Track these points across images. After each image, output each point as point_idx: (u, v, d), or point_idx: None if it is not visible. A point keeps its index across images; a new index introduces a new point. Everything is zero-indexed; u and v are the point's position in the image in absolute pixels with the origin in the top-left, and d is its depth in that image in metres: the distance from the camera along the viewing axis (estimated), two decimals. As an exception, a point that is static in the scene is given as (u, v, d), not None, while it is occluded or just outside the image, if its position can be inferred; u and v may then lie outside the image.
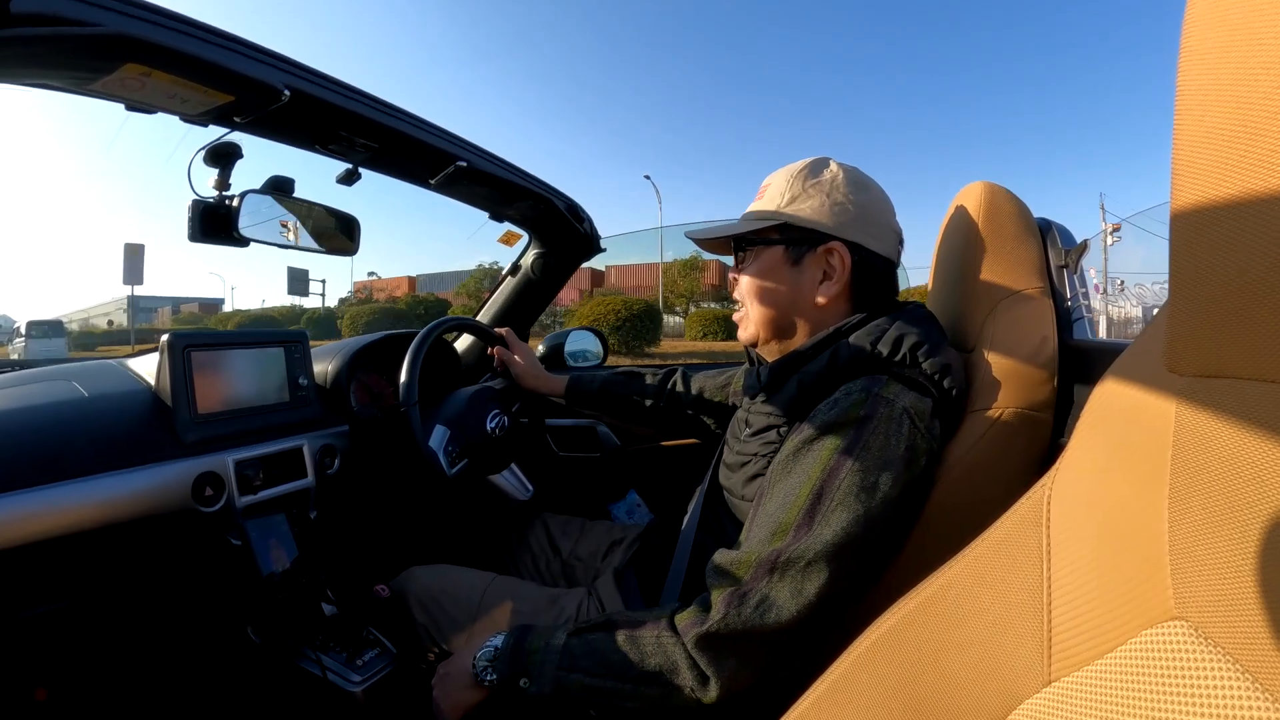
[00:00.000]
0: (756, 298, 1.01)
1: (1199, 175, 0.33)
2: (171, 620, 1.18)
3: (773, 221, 0.98)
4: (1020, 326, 0.92)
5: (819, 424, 0.85)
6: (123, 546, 1.02)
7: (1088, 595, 0.41)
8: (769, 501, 0.86)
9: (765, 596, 0.78)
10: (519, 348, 1.59)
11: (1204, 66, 0.33)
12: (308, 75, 0.95)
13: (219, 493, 1.08)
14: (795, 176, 0.98)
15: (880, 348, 0.89)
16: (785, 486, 0.84)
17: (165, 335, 1.09)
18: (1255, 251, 0.30)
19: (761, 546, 0.81)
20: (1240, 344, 0.32)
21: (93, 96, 0.80)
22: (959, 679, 0.49)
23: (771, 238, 0.99)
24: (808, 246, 0.97)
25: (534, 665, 0.85)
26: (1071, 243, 1.00)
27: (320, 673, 1.07)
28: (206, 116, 0.92)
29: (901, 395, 0.85)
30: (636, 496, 1.77)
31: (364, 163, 1.20)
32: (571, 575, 1.35)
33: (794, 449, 0.87)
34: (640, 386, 1.47)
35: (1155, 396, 0.40)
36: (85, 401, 1.05)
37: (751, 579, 0.80)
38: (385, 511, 1.56)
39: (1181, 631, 0.34)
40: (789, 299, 0.99)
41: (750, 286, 1.01)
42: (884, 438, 0.82)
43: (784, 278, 0.99)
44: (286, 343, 1.27)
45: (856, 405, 0.84)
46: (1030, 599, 0.45)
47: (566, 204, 1.57)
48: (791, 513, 0.81)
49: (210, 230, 1.02)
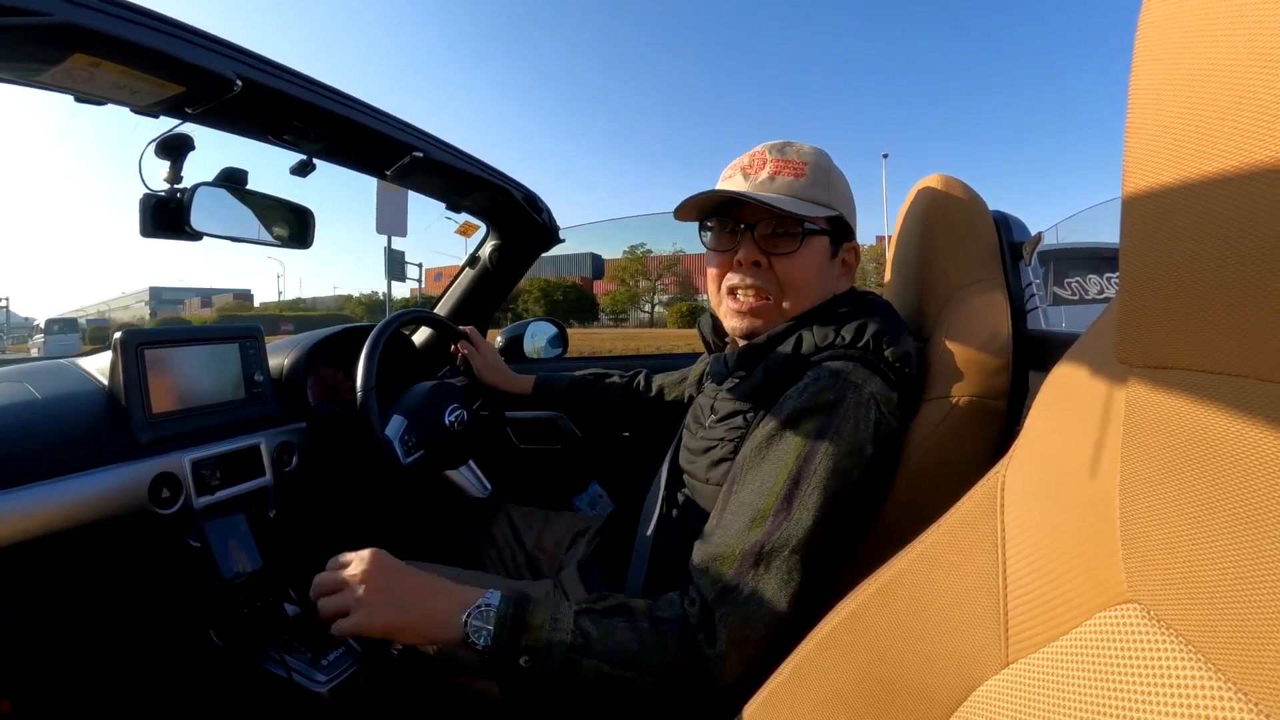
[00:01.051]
0: (803, 285, 0.97)
1: (1150, 171, 0.34)
2: (133, 625, 1.15)
3: (832, 212, 0.96)
4: (975, 316, 0.94)
5: (789, 410, 0.85)
6: (81, 552, 1.00)
7: (1042, 579, 0.42)
8: (742, 489, 0.85)
9: (755, 589, 0.77)
10: (482, 345, 1.58)
11: (1158, 64, 0.34)
12: (260, 64, 0.93)
13: (176, 494, 1.06)
14: (823, 168, 0.96)
15: (844, 334, 0.89)
16: (759, 474, 0.84)
17: (118, 333, 1.06)
18: (1203, 247, 0.31)
19: (741, 537, 0.80)
20: (1188, 336, 0.33)
21: (40, 88, 0.78)
22: (920, 661, 0.50)
23: (822, 227, 0.97)
24: (843, 241, 0.99)
25: (539, 641, 0.77)
26: (1026, 234, 1.03)
27: (285, 673, 1.05)
28: (157, 108, 0.90)
29: (868, 380, 0.86)
30: (599, 488, 1.77)
31: (318, 153, 1.18)
32: (536, 567, 1.35)
33: (765, 436, 0.86)
34: (607, 387, 1.48)
35: (1106, 385, 0.41)
36: (38, 404, 1.02)
37: (737, 573, 0.78)
38: (346, 508, 1.54)
39: (1135, 614, 0.35)
40: (824, 291, 0.99)
41: (801, 273, 0.96)
42: (854, 422, 0.83)
43: (826, 269, 0.98)
44: (241, 338, 1.25)
45: (826, 390, 0.84)
46: (986, 583, 0.46)
47: (525, 195, 1.56)
48: (769, 499, 0.81)
49: (162, 224, 0.99)
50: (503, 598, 0.81)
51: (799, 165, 0.95)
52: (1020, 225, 1.04)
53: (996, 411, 0.90)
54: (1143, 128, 0.35)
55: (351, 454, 1.37)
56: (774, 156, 0.96)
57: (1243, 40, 0.29)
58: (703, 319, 1.15)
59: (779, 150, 0.97)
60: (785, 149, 0.97)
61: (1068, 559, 0.41)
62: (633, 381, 1.46)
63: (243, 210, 1.14)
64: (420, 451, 1.32)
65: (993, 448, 0.89)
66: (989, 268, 0.98)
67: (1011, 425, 0.90)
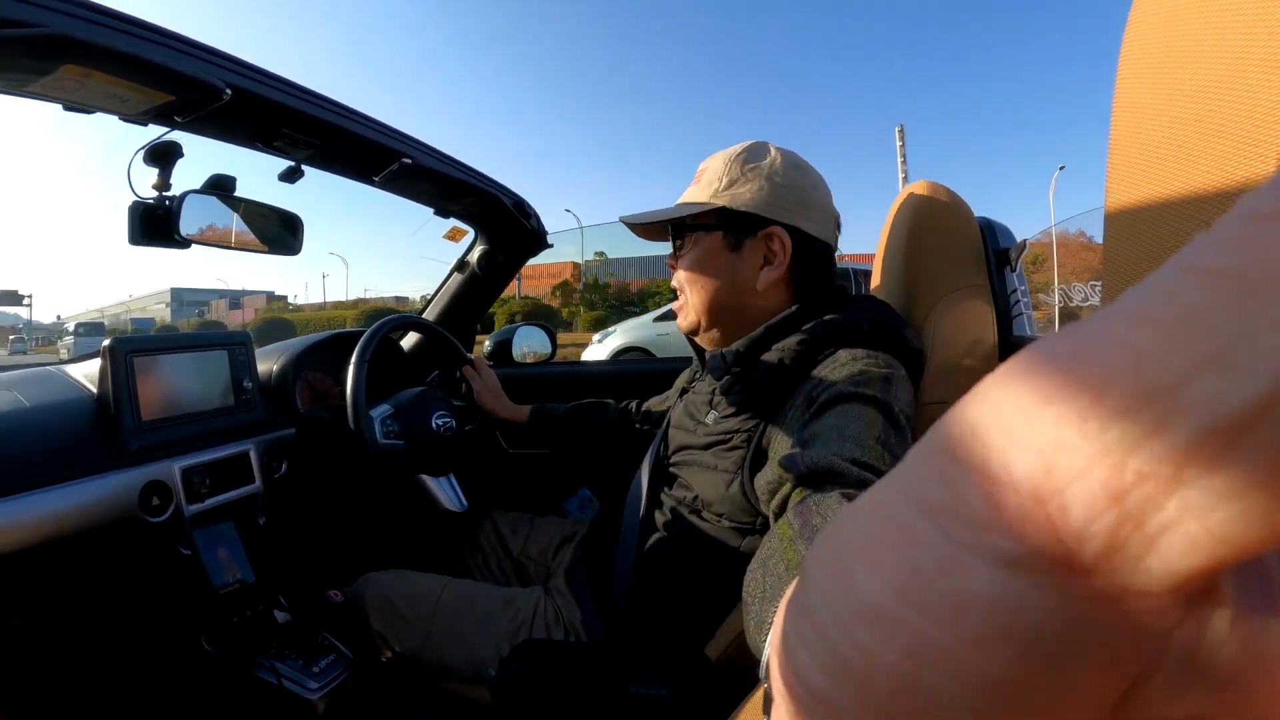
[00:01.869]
0: (696, 285, 0.99)
1: (1132, 186, 0.35)
2: (125, 634, 1.14)
3: (709, 207, 0.96)
4: (962, 323, 0.95)
5: (843, 380, 0.79)
6: (71, 561, 0.99)
7: None
8: (820, 439, 0.71)
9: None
10: (484, 370, 1.59)
11: (1140, 83, 0.34)
12: (250, 73, 0.93)
13: (166, 502, 1.06)
14: (733, 161, 0.97)
15: (863, 324, 0.88)
16: (833, 424, 0.73)
17: (107, 341, 1.06)
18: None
19: (839, 452, 0.66)
20: None
21: (29, 98, 0.77)
22: None
23: (710, 223, 0.98)
24: (748, 232, 0.96)
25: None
26: (1011, 241, 1.04)
27: (276, 681, 1.05)
28: (146, 116, 0.90)
29: (895, 364, 0.84)
30: (588, 492, 1.77)
31: (307, 160, 1.17)
32: (523, 574, 1.35)
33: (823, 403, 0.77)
34: (603, 416, 1.47)
35: None
36: (26, 412, 1.01)
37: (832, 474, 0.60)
38: (335, 515, 1.53)
39: None
40: (729, 285, 0.98)
41: (689, 273, 1.00)
42: (906, 394, 0.80)
43: (723, 264, 0.98)
44: (229, 345, 1.24)
45: (874, 364, 0.81)
46: None
47: (513, 200, 1.56)
48: (864, 442, 0.68)
49: (150, 232, 0.99)
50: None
51: (701, 172, 1.00)
52: (1005, 231, 1.06)
53: None
54: (1125, 143, 0.35)
55: (340, 459, 1.36)
56: (700, 168, 1.01)
57: (1225, 64, 0.29)
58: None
59: (706, 160, 1.01)
60: (711, 157, 1.01)
61: None
62: (626, 410, 1.46)
63: (232, 217, 1.13)
64: (400, 442, 1.31)
65: None
66: (975, 274, 0.99)
67: None
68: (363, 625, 1.13)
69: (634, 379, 1.88)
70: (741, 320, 0.99)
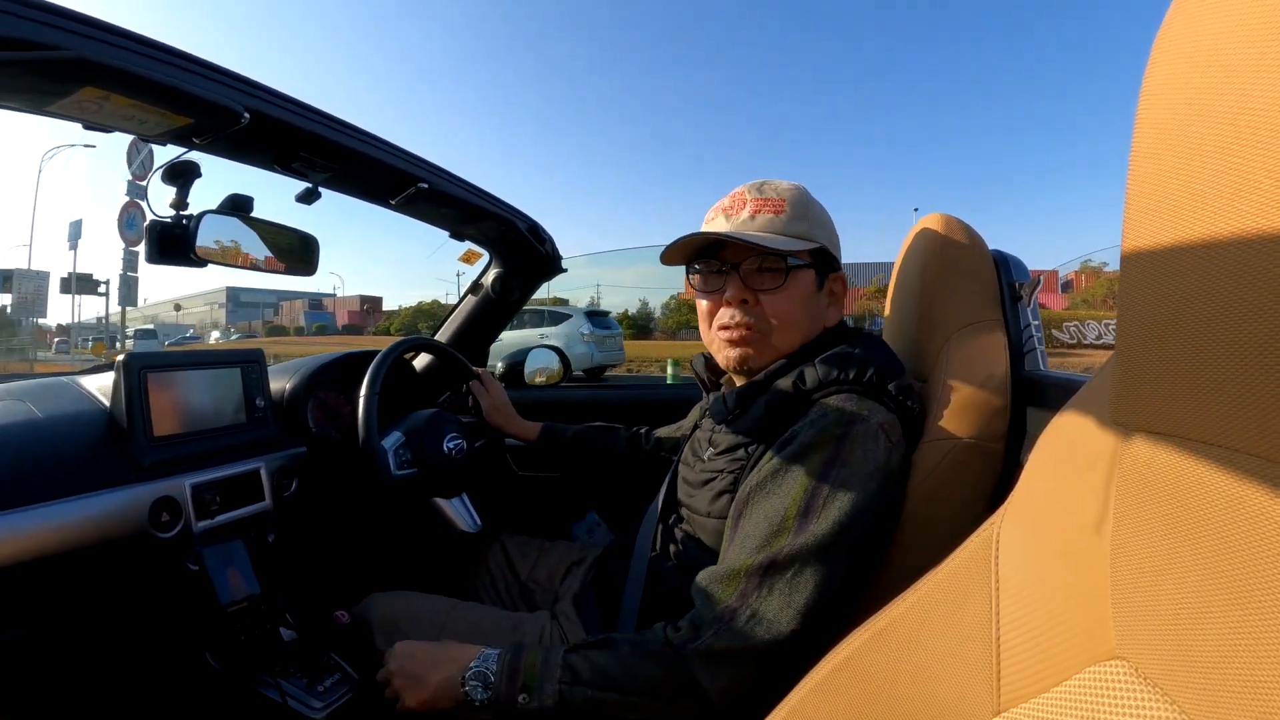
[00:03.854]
0: (791, 321, 0.98)
1: (1148, 238, 0.34)
2: (131, 646, 1.15)
3: (813, 245, 0.98)
4: (975, 358, 0.94)
5: (798, 444, 0.87)
6: (79, 573, 1.00)
7: (1035, 631, 0.42)
8: (749, 520, 0.87)
9: (755, 611, 0.80)
10: (492, 386, 1.59)
11: (1160, 133, 0.33)
12: (268, 97, 0.94)
13: (176, 518, 1.06)
14: (802, 202, 0.98)
15: (848, 370, 0.91)
16: (769, 505, 0.85)
17: (121, 355, 1.07)
18: (1201, 321, 0.31)
19: (749, 558, 0.82)
20: (1186, 405, 0.33)
21: (48, 117, 0.79)
22: (913, 709, 0.50)
23: (806, 260, 0.99)
24: (827, 273, 1.01)
25: (533, 680, 0.84)
26: (1025, 275, 1.03)
27: (280, 699, 1.05)
28: (164, 137, 0.91)
29: (875, 411, 0.87)
30: (596, 516, 1.76)
31: (324, 183, 1.19)
32: (530, 599, 1.34)
33: (773, 469, 0.88)
34: (610, 441, 1.48)
35: (1102, 444, 0.41)
36: (40, 423, 1.02)
37: (741, 594, 0.81)
38: (344, 534, 1.54)
39: (1122, 670, 0.35)
40: (813, 324, 1.00)
41: (787, 308, 0.98)
42: (862, 451, 0.84)
43: (812, 302, 1.00)
44: (243, 363, 1.25)
45: (835, 423, 0.86)
46: (980, 633, 0.46)
47: (528, 225, 1.57)
48: (778, 529, 0.83)
49: (167, 251, 1.00)
50: (499, 653, 0.90)
51: (778, 202, 0.97)
52: (1020, 265, 1.05)
53: (994, 454, 0.89)
54: (1143, 193, 0.34)
55: (350, 479, 1.37)
56: (753, 196, 0.99)
57: (1246, 122, 0.29)
58: (696, 358, 1.17)
59: (757, 189, 0.99)
60: (763, 187, 1.00)
61: (1060, 613, 0.41)
62: (635, 436, 1.47)
63: (249, 236, 1.14)
64: (413, 470, 1.31)
65: (990, 490, 0.89)
66: (988, 308, 0.98)
67: (1010, 468, 0.90)
68: (368, 646, 1.14)
69: (646, 406, 1.88)
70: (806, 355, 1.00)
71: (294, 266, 1.24)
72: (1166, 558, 0.34)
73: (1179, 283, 0.32)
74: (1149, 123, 0.34)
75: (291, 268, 1.24)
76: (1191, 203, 0.31)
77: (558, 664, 0.85)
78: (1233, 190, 0.29)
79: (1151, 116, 0.34)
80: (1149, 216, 0.34)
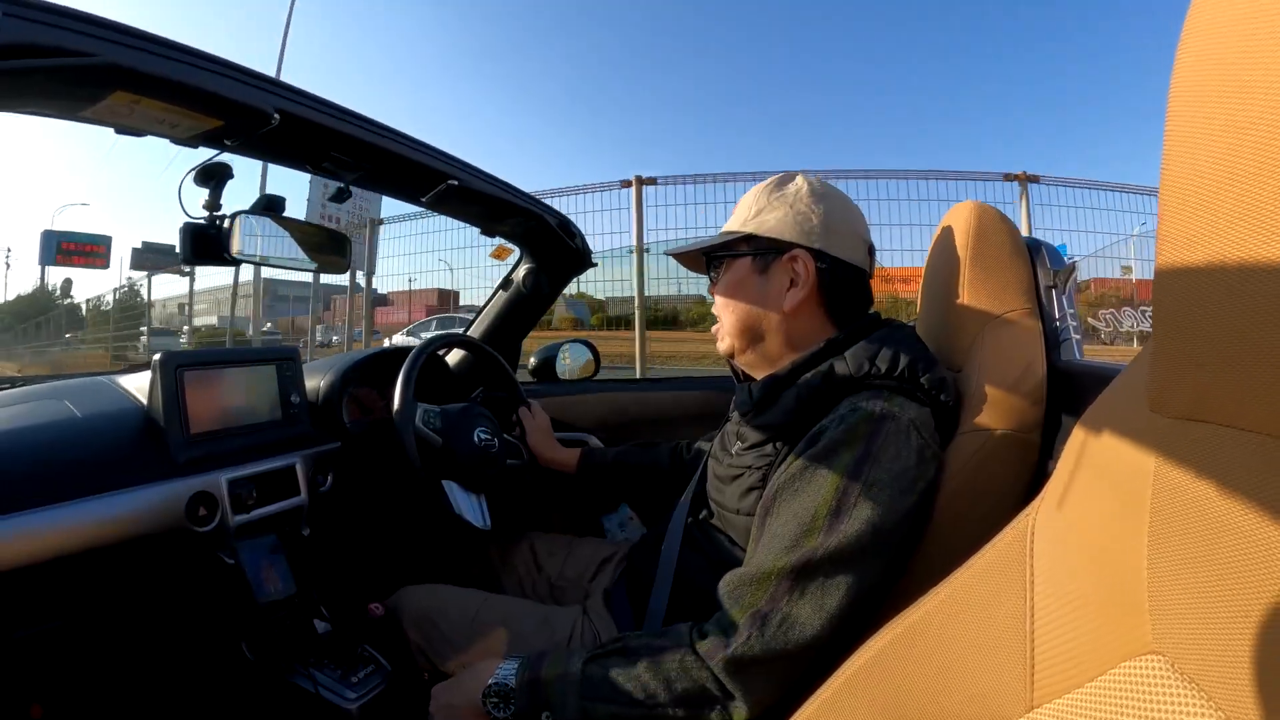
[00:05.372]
0: (729, 308, 1.03)
1: (1186, 217, 0.33)
2: (165, 637, 1.18)
3: (737, 234, 1.01)
4: (1009, 348, 0.92)
5: (829, 440, 0.85)
6: (116, 566, 1.02)
7: (1070, 625, 0.42)
8: (777, 519, 0.85)
9: (787, 615, 0.78)
10: (538, 414, 1.61)
11: (1195, 109, 0.32)
12: (297, 98, 0.95)
13: (212, 512, 1.08)
14: (761, 191, 1.01)
15: (878, 363, 0.89)
16: (798, 504, 0.83)
17: (158, 354, 1.09)
18: (1239, 301, 0.30)
19: (779, 559, 0.80)
20: (1222, 392, 0.32)
21: (80, 122, 0.80)
22: (945, 703, 0.49)
23: (740, 250, 1.02)
24: (773, 255, 0.99)
25: (555, 696, 0.84)
26: (1060, 263, 1.01)
27: (313, 689, 1.07)
28: (196, 139, 0.92)
29: (906, 407, 0.86)
30: (629, 510, 1.76)
31: (355, 181, 1.20)
32: (560, 597, 1.33)
33: (802, 466, 0.86)
34: (652, 459, 1.47)
35: (1137, 435, 0.40)
36: (78, 422, 1.05)
37: (771, 598, 0.79)
38: (377, 529, 1.56)
39: (1158, 665, 0.35)
40: (758, 308, 1.00)
41: (723, 298, 1.04)
42: (894, 449, 0.82)
43: (752, 287, 1.01)
44: (279, 360, 1.27)
45: (865, 420, 0.84)
46: (1014, 626, 0.46)
47: (559, 221, 1.57)
48: (808, 528, 0.81)
49: (201, 252, 1.02)
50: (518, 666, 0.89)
51: (740, 204, 1.05)
52: (1055, 253, 1.02)
53: (1030, 445, 0.88)
54: (1178, 171, 0.33)
55: (384, 473, 1.38)
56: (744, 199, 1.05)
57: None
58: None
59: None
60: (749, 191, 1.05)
61: (1095, 607, 0.41)
62: (676, 449, 1.46)
63: (282, 236, 1.16)
64: (439, 439, 1.32)
65: (1025, 482, 0.87)
66: (1023, 297, 0.96)
67: (1044, 459, 0.88)
68: (401, 638, 1.15)
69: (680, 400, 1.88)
70: (775, 342, 1.01)
71: (326, 264, 1.26)
72: (1203, 550, 0.33)
73: (1216, 263, 0.31)
74: (1184, 96, 0.33)
75: (324, 266, 1.26)
76: (1229, 179, 0.30)
77: (577, 677, 0.84)
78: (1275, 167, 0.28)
79: (1186, 90, 0.33)
80: (1184, 195, 0.33)
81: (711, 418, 1.45)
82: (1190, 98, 0.33)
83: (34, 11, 0.64)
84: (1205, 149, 0.32)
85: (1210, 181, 0.31)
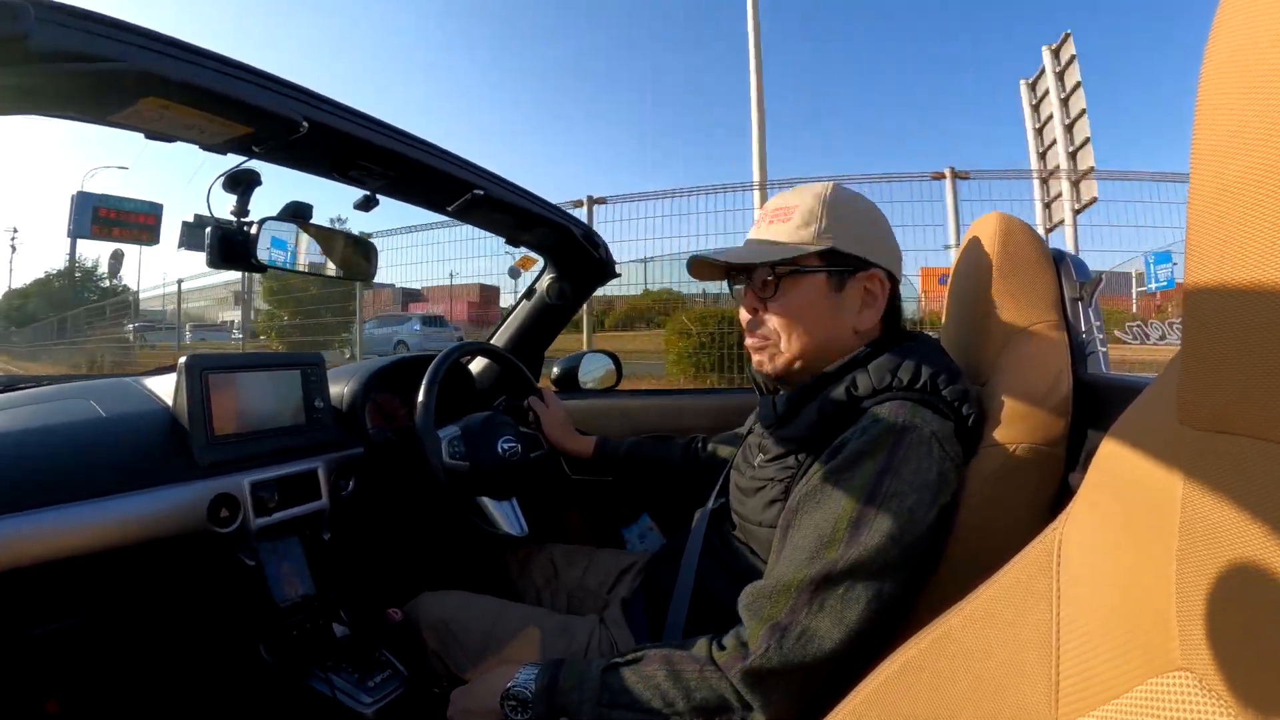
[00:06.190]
0: (797, 328, 0.97)
1: (1216, 224, 0.32)
2: (183, 636, 1.19)
3: (815, 249, 0.95)
4: (1034, 361, 0.91)
5: (848, 453, 0.84)
6: (137, 565, 1.04)
7: (1096, 641, 0.41)
8: (798, 531, 0.84)
9: (806, 628, 0.77)
10: (552, 403, 1.61)
11: (1224, 115, 0.32)
12: (326, 106, 0.96)
13: (234, 514, 1.09)
14: (824, 202, 0.96)
15: (901, 375, 0.88)
16: (819, 515, 0.83)
17: (183, 357, 1.11)
18: (1271, 310, 0.30)
19: (800, 571, 0.80)
20: (1254, 403, 0.32)
21: (111, 126, 0.82)
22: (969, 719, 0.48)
23: (812, 265, 0.96)
24: (849, 272, 0.96)
25: (572, 703, 0.84)
26: (1086, 275, 1.00)
27: (330, 692, 1.07)
28: (225, 146, 0.94)
29: (928, 420, 0.84)
30: (649, 520, 1.75)
31: (381, 189, 1.21)
32: (577, 607, 1.33)
33: (823, 478, 0.85)
34: (666, 451, 1.47)
35: (1165, 449, 0.39)
36: (103, 421, 1.06)
37: (790, 610, 0.79)
38: (397, 534, 1.56)
39: (1186, 682, 0.34)
40: (831, 327, 0.97)
41: (787, 315, 0.97)
42: (916, 461, 0.81)
43: (825, 306, 0.96)
44: (303, 365, 1.29)
45: (886, 432, 0.83)
46: (1040, 642, 0.45)
47: (583, 231, 1.58)
48: (828, 540, 0.80)
49: (228, 256, 1.03)
50: (537, 673, 0.90)
51: (789, 210, 0.97)
52: (1081, 265, 1.01)
53: (1055, 459, 0.86)
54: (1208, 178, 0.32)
55: (405, 479, 1.39)
56: (775, 205, 1.00)
57: None
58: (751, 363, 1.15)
59: (784, 198, 1.00)
60: (789, 194, 1.00)
61: (1122, 623, 0.40)
62: (690, 446, 1.46)
63: (308, 243, 1.17)
64: (465, 464, 1.32)
65: (1050, 496, 0.86)
66: (1048, 310, 0.95)
67: (1069, 473, 0.87)
68: (418, 644, 1.15)
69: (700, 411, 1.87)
70: (836, 360, 0.97)
71: (352, 271, 1.27)
72: (1232, 565, 0.32)
73: (1249, 275, 0.31)
74: (1211, 104, 0.32)
75: (349, 272, 1.27)
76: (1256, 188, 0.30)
77: (595, 685, 0.84)
78: None
79: (1212, 99, 0.32)
80: (1214, 205, 0.32)
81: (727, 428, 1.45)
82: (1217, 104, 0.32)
83: (66, 17, 0.65)
84: (1237, 159, 0.31)
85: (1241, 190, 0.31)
